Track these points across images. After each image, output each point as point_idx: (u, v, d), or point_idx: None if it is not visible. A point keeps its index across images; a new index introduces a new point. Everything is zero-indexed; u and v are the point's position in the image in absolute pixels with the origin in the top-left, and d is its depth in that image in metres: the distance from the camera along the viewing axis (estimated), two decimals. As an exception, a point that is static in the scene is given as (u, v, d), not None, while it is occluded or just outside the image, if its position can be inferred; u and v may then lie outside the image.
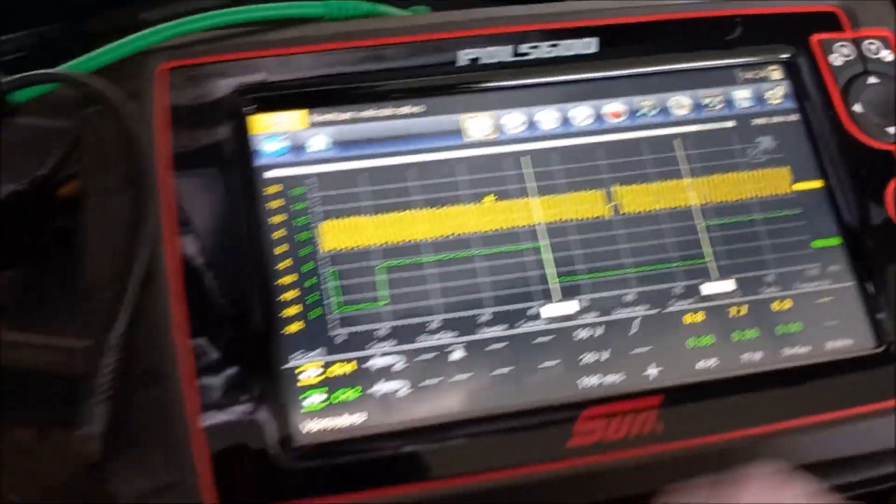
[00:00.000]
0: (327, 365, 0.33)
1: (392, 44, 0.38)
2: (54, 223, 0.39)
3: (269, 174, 0.35)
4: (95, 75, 0.33)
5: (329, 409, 0.33)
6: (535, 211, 0.37)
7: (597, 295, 0.36)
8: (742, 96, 0.40)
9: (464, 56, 0.38)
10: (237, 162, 0.35)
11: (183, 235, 0.33)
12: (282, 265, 0.34)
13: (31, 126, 0.36)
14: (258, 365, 0.33)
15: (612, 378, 0.35)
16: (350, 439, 0.32)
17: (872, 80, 0.41)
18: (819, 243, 0.38)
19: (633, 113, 0.39)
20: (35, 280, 0.39)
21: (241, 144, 0.35)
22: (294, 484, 0.31)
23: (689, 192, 0.38)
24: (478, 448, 0.33)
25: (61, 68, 0.33)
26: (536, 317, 0.35)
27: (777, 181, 0.39)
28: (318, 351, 0.33)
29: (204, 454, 0.31)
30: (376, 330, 0.34)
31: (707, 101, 0.40)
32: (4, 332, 0.36)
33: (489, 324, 0.35)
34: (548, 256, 0.36)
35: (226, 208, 0.34)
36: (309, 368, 0.33)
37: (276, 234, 0.34)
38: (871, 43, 0.41)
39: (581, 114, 0.39)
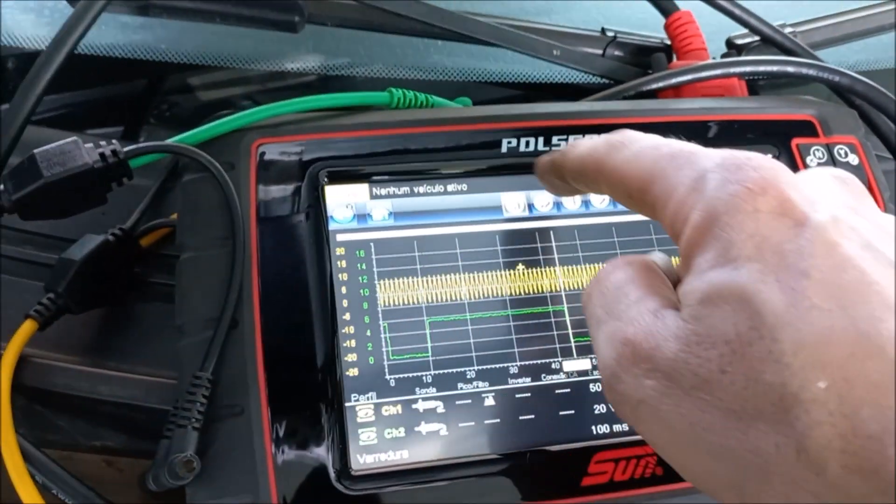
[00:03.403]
0: (378, 406, 0.36)
1: (445, 131, 0.41)
2: (133, 270, 0.42)
3: (339, 238, 0.39)
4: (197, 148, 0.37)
5: (380, 445, 0.36)
6: (558, 278, 0.40)
7: (608, 354, 0.40)
8: (734, 188, 0.45)
9: (505, 143, 0.42)
10: (314, 226, 0.38)
11: (263, 288, 0.36)
12: (346, 316, 0.37)
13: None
14: (324, 403, 0.36)
15: (620, 427, 0.38)
16: (397, 472, 0.35)
17: (841, 179, 0.46)
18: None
19: (642, 198, 0.44)
20: (113, 320, 0.41)
21: (319, 211, 0.39)
22: (349, 507, 0.34)
23: (687, 267, 0.43)
24: (505, 482, 0.36)
25: (171, 140, 0.37)
26: (558, 371, 0.38)
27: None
28: (371, 394, 0.36)
29: (272, 477, 0.33)
30: (421, 377, 0.37)
31: (705, 190, 0.45)
32: (84, 367, 0.39)
33: (517, 375, 0.38)
34: (568, 319, 0.39)
35: (301, 266, 0.37)
36: (364, 408, 0.36)
37: (342, 290, 0.38)
38: (840, 148, 0.46)
39: (598, 196, 0.42)
